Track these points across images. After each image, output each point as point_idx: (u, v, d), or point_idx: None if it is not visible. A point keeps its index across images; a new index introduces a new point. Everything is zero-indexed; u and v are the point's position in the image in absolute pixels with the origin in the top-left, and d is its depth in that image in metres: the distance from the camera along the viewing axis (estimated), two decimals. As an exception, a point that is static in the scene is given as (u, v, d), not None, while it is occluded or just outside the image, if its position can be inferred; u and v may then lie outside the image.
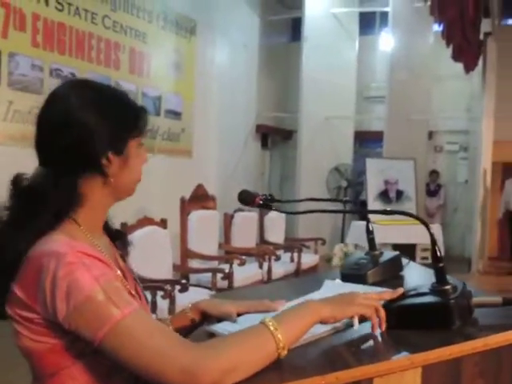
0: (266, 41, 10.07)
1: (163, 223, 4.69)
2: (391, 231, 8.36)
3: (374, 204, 8.74)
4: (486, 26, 8.43)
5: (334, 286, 1.47)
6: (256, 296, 1.40)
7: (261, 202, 1.29)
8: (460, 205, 10.51)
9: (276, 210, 1.33)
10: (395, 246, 8.60)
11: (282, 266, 5.91)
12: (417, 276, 1.55)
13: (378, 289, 1.36)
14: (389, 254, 1.63)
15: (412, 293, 1.13)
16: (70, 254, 0.98)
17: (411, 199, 8.99)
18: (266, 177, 11.04)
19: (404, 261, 1.63)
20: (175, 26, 7.16)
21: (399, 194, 8.93)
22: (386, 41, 9.55)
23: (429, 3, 5.89)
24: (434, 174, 10.31)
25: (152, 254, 4.43)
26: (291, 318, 1.01)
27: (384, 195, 8.86)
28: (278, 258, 5.84)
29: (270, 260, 5.61)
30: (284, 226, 6.87)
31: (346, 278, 1.53)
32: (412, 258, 8.57)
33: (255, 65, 9.66)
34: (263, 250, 5.75)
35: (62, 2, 5.56)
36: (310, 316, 1.03)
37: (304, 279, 2.28)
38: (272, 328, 0.97)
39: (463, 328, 1.04)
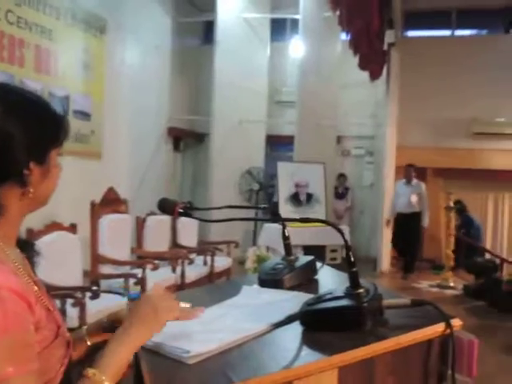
0: (179, 43, 9.99)
1: (73, 228, 4.54)
2: (302, 233, 8.54)
3: (285, 206, 8.92)
4: (389, 36, 8.87)
5: (252, 292, 1.48)
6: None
7: (181, 211, 1.28)
8: (366, 207, 10.94)
9: (197, 218, 1.33)
10: (306, 248, 8.82)
11: (195, 270, 5.89)
12: (330, 279, 1.60)
13: (294, 293, 1.41)
14: (304, 258, 1.66)
15: (327, 297, 1.16)
16: None
17: (320, 202, 9.26)
18: (177, 180, 10.94)
19: (318, 265, 1.67)
20: (84, 23, 6.94)
21: (309, 196, 9.18)
22: (297, 47, 9.77)
23: (337, 13, 6.10)
24: (341, 177, 10.66)
25: (61, 260, 4.28)
26: (111, 361, 1.03)
27: (295, 198, 9.07)
28: (191, 262, 5.83)
29: (183, 264, 5.57)
30: (197, 229, 6.85)
31: (263, 283, 1.54)
32: (322, 258, 8.81)
33: (167, 67, 9.57)
34: (176, 254, 5.71)
35: (-40, -6, 5.23)
36: (129, 351, 1.05)
37: (220, 284, 2.29)
38: (99, 380, 1.00)
39: (375, 329, 1.08)
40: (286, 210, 8.90)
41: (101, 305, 4.07)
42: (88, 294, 3.97)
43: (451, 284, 8.13)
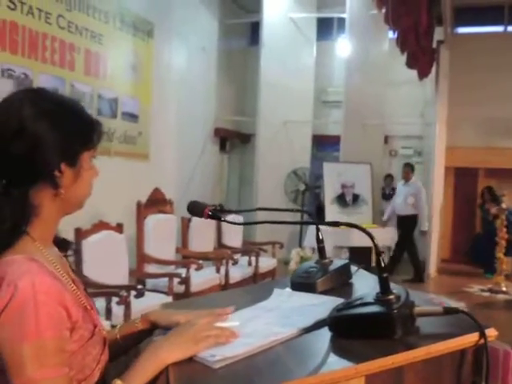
0: (225, 44, 10.06)
1: (119, 228, 4.63)
2: (348, 235, 8.48)
3: (331, 207, 8.86)
4: (438, 34, 8.67)
5: (283, 295, 1.47)
6: (210, 304, 1.41)
7: (210, 213, 1.29)
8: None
9: (225, 221, 1.33)
10: (352, 249, 8.74)
11: (239, 270, 5.91)
12: (365, 284, 1.56)
13: (326, 297, 1.39)
14: (338, 262, 1.62)
15: (357, 302, 1.14)
16: (26, 288, 0.97)
17: (367, 202, 9.15)
18: (224, 181, 11.02)
19: (353, 268, 1.63)
20: (132, 27, 7.08)
21: (355, 197, 9.08)
22: (343, 46, 9.68)
23: (383, 11, 6.00)
24: (388, 177, 10.48)
25: (107, 259, 4.37)
26: (137, 375, 1.05)
27: (341, 198, 9.00)
28: (235, 262, 5.85)
29: (227, 264, 5.60)
30: (241, 230, 6.88)
31: (295, 286, 1.53)
32: (367, 261, 8.69)
33: (213, 68, 9.64)
34: (221, 254, 5.74)
35: (14, 1, 5.42)
36: (155, 367, 1.07)
37: (259, 286, 2.28)
38: None
39: (406, 337, 1.05)
40: (332, 210, 8.85)
41: (145, 303, 4.13)
42: (133, 293, 4.03)
43: (503, 288, 7.88)
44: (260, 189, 9.57)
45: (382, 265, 1.15)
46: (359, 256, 9.16)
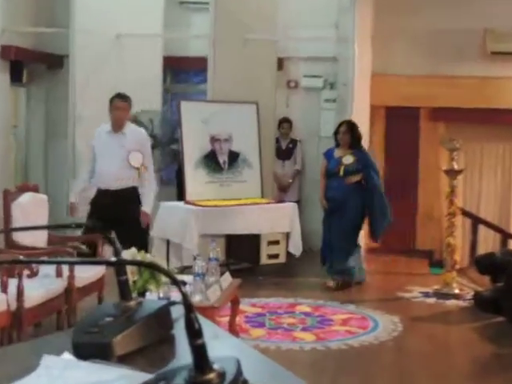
0: None
1: None
2: (224, 217, 8.49)
3: (194, 174, 8.84)
4: None
5: (54, 367, 1.41)
6: None
7: None
8: (326, 171, 10.93)
9: None
10: (230, 239, 8.77)
11: (40, 286, 5.71)
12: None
13: (124, 371, 1.37)
14: (151, 303, 1.69)
15: None
16: None
17: (252, 165, 9.20)
18: (20, 130, 10.91)
19: (177, 310, 1.62)
20: None
21: (233, 156, 9.13)
22: None
23: None
24: (285, 123, 10.59)
25: None
26: None
27: (210, 159, 9.01)
28: (33, 274, 5.62)
29: (20, 277, 5.36)
30: (46, 216, 6.73)
31: (79, 349, 1.50)
32: (254, 256, 8.79)
33: None
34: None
35: None
36: None
37: (22, 347, 2.17)
38: None
39: None
40: (196, 180, 8.85)
41: None
42: None
43: (456, 291, 8.28)
44: (79, 144, 9.35)
45: (196, 326, 1.19)
46: (242, 248, 9.21)
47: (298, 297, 7.96)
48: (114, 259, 1.41)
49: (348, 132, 8.59)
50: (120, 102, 7.49)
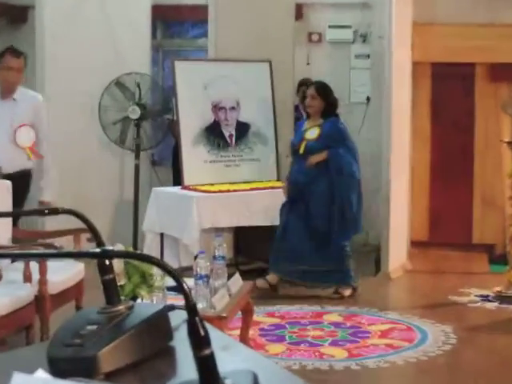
0: None
1: None
2: (232, 205, 8.49)
3: (194, 152, 8.83)
4: None
5: None
6: None
7: None
8: (359, 145, 10.88)
9: None
10: (238, 232, 8.79)
11: (6, 293, 5.76)
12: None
13: None
14: (145, 307, 1.83)
15: None
16: None
17: (266, 139, 9.18)
18: None
19: (177, 317, 1.66)
20: None
21: (242, 129, 9.10)
22: None
23: None
24: (306, 87, 10.54)
25: None
26: None
27: (214, 133, 8.97)
28: None
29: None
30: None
31: (55, 365, 1.52)
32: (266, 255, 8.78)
33: None
34: None
35: None
36: None
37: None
38: None
39: None
40: (196, 158, 8.81)
41: None
42: None
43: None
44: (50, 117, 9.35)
45: (201, 333, 1.22)
46: (254, 244, 9.19)
47: (326, 304, 7.98)
48: (97, 250, 1.41)
49: (318, 96, 8.28)
50: (14, 60, 7.31)
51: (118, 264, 5.63)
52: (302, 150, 8.22)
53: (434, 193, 10.71)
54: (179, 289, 1.21)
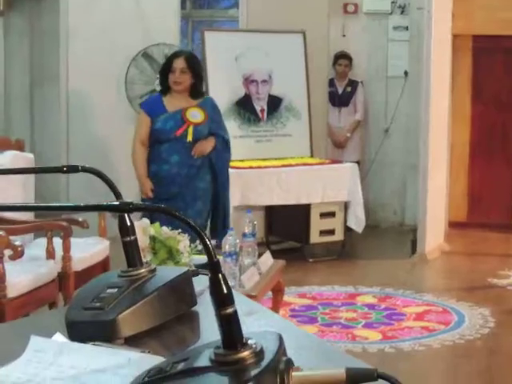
0: None
1: None
2: (263, 182, 8.47)
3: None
4: None
5: (45, 351, 1.45)
6: None
7: None
8: (395, 120, 10.87)
9: None
10: (271, 210, 8.79)
11: (28, 270, 5.82)
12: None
13: (130, 354, 1.40)
14: (168, 270, 1.75)
15: (180, 368, 1.19)
16: None
17: (299, 114, 9.16)
18: None
19: (201, 283, 1.65)
20: None
21: (275, 103, 9.09)
22: None
23: None
24: (342, 60, 10.54)
25: None
26: None
27: (245, 107, 8.96)
28: (18, 255, 5.70)
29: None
30: (33, 185, 6.89)
31: (74, 328, 1.55)
32: (305, 233, 8.77)
33: None
34: None
35: None
36: None
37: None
38: None
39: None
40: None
41: None
42: None
43: None
44: (74, 89, 9.49)
45: (224, 290, 1.20)
46: (286, 223, 9.21)
47: (360, 284, 7.98)
48: (115, 202, 1.36)
49: (188, 70, 7.22)
50: None
51: (143, 239, 5.66)
52: (190, 137, 7.24)
53: (473, 172, 10.66)
54: (202, 243, 1.19)
